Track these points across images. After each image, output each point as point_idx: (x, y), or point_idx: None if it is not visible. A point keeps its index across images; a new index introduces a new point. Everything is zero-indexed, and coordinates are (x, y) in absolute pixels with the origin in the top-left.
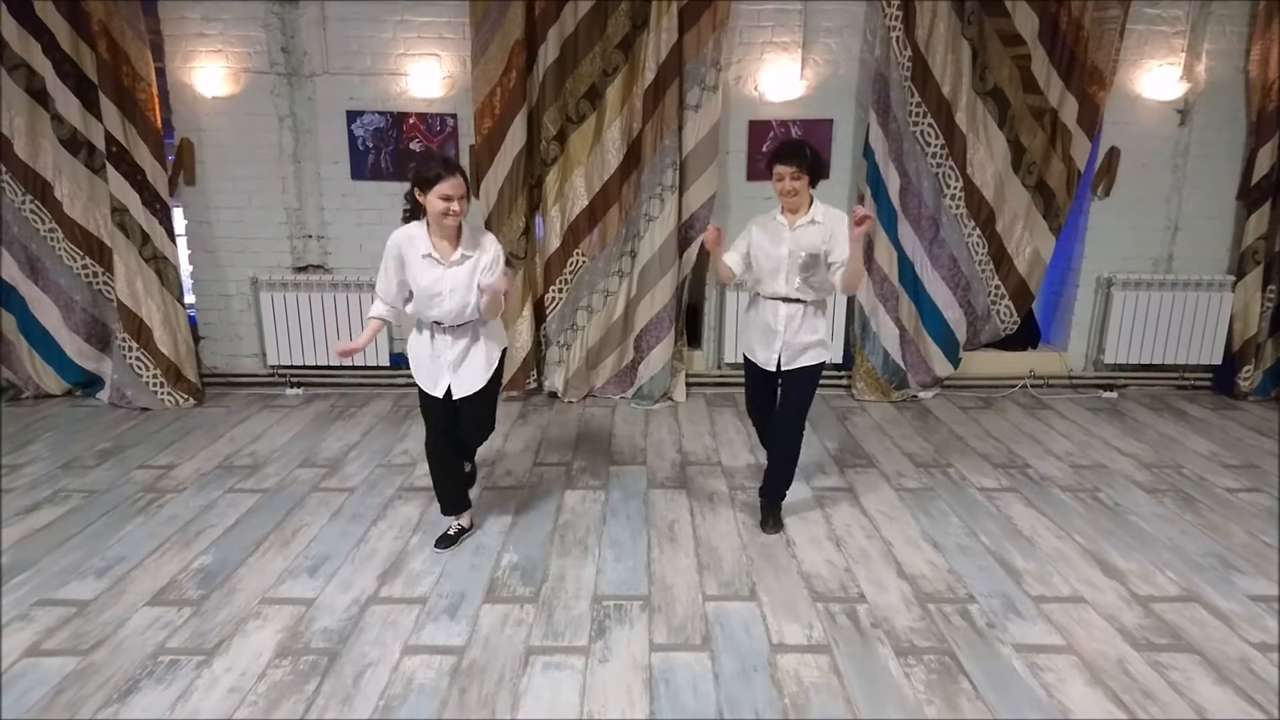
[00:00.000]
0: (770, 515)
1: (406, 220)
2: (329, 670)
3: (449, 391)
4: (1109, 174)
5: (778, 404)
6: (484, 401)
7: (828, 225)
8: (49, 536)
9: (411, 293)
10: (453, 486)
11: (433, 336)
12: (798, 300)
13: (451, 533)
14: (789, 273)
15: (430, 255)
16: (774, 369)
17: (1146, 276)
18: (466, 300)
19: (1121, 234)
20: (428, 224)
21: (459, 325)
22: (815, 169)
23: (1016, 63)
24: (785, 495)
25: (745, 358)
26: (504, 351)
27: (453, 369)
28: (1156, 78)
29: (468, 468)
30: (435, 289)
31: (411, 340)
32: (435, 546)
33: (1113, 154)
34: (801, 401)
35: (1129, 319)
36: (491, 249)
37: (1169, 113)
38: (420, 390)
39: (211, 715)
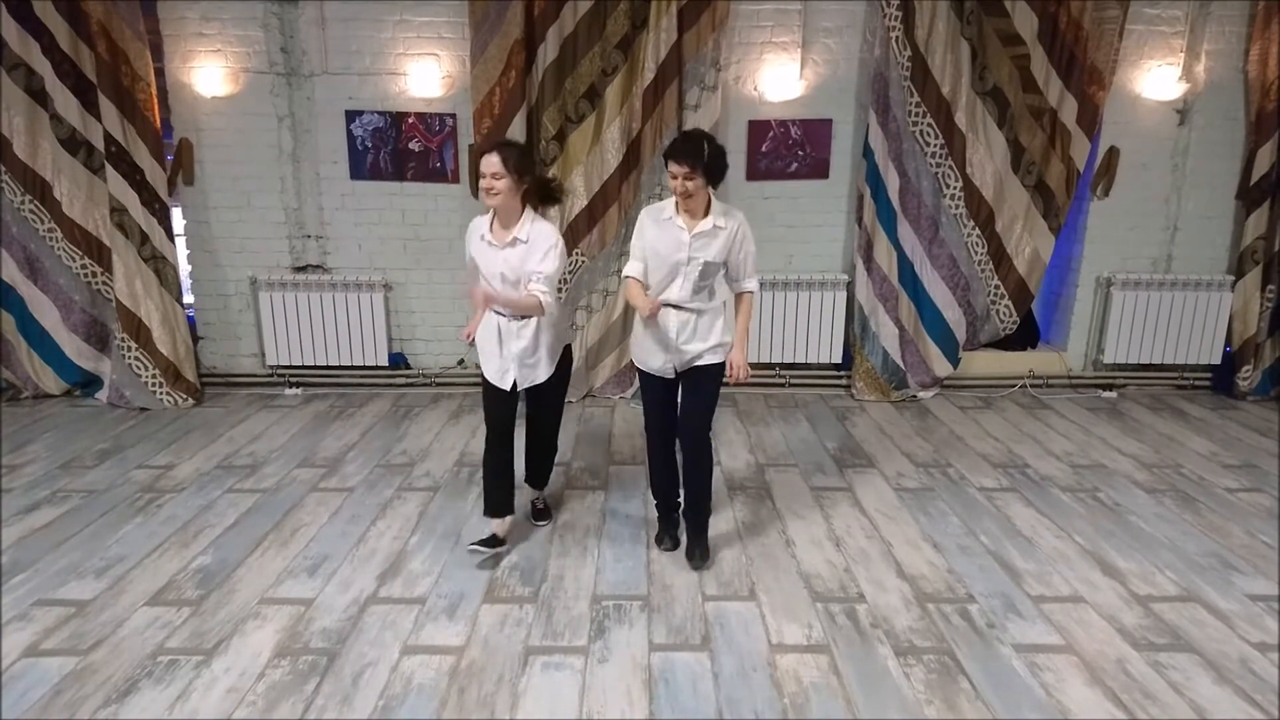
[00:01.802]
0: (697, 544)
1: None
2: (328, 670)
3: (514, 386)
4: (1108, 174)
5: (679, 411)
6: (548, 393)
7: (729, 232)
8: (48, 536)
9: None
10: (500, 487)
11: (499, 326)
12: (692, 310)
13: (485, 536)
14: (684, 281)
15: (485, 238)
16: (672, 376)
17: (1146, 276)
18: (513, 285)
19: (1121, 234)
20: (494, 210)
21: (522, 316)
22: (713, 169)
23: (1016, 63)
24: (709, 516)
25: (639, 370)
26: (567, 349)
27: (518, 361)
28: (1156, 78)
29: (540, 503)
30: (489, 271)
31: (480, 329)
32: (470, 545)
33: (1112, 154)
34: (703, 402)
35: (1128, 319)
36: (544, 240)
37: (1168, 113)
38: (484, 383)
39: (211, 715)
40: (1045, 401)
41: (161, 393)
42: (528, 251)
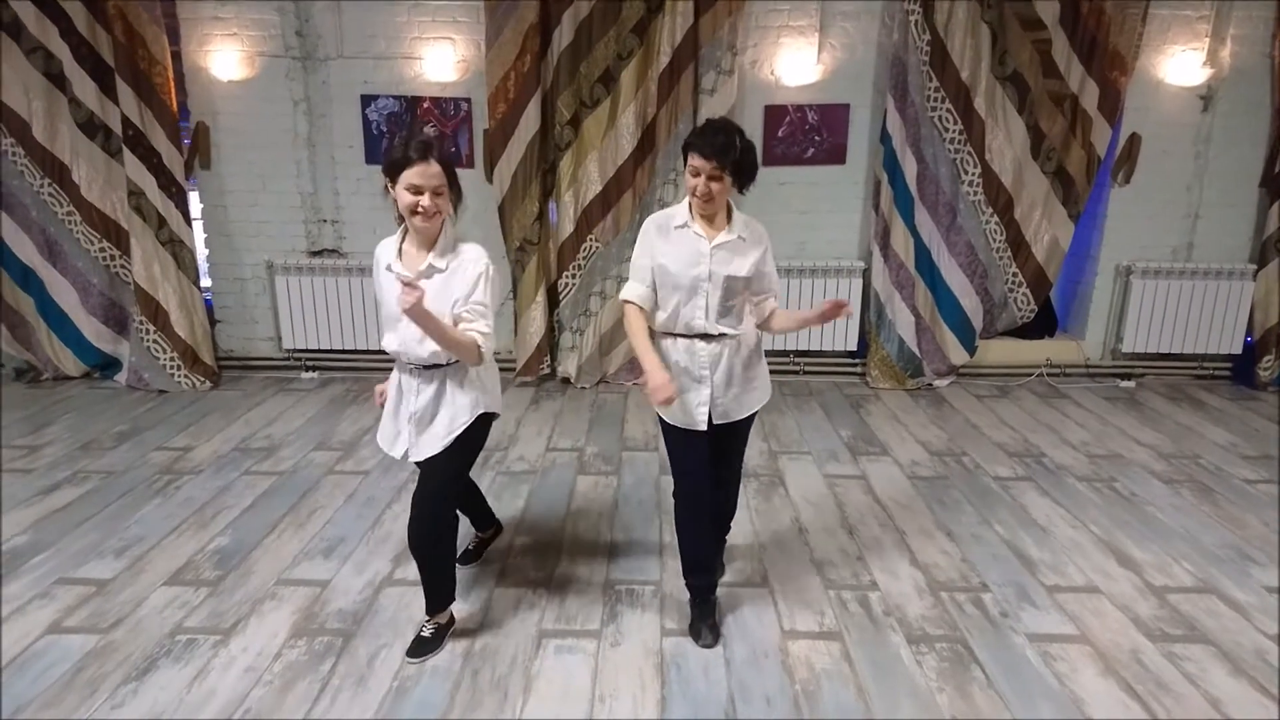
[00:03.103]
0: (708, 615)
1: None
2: (343, 651)
3: (406, 455)
4: (1129, 161)
5: (718, 469)
6: (433, 474)
7: (756, 246)
8: (68, 516)
9: None
10: (430, 575)
11: (400, 380)
12: (721, 336)
13: (425, 634)
14: (705, 301)
15: (391, 267)
16: (705, 427)
17: (1166, 265)
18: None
19: (1141, 222)
20: (404, 228)
21: (426, 367)
22: (743, 170)
23: (1037, 47)
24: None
25: (664, 423)
26: (485, 420)
27: (415, 425)
28: (1179, 63)
29: (470, 543)
30: (393, 311)
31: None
32: (406, 655)
33: (1133, 140)
34: (740, 461)
35: (1148, 307)
36: (471, 266)
37: (1191, 99)
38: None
39: (228, 694)
40: (1062, 390)
41: (179, 375)
42: (446, 282)
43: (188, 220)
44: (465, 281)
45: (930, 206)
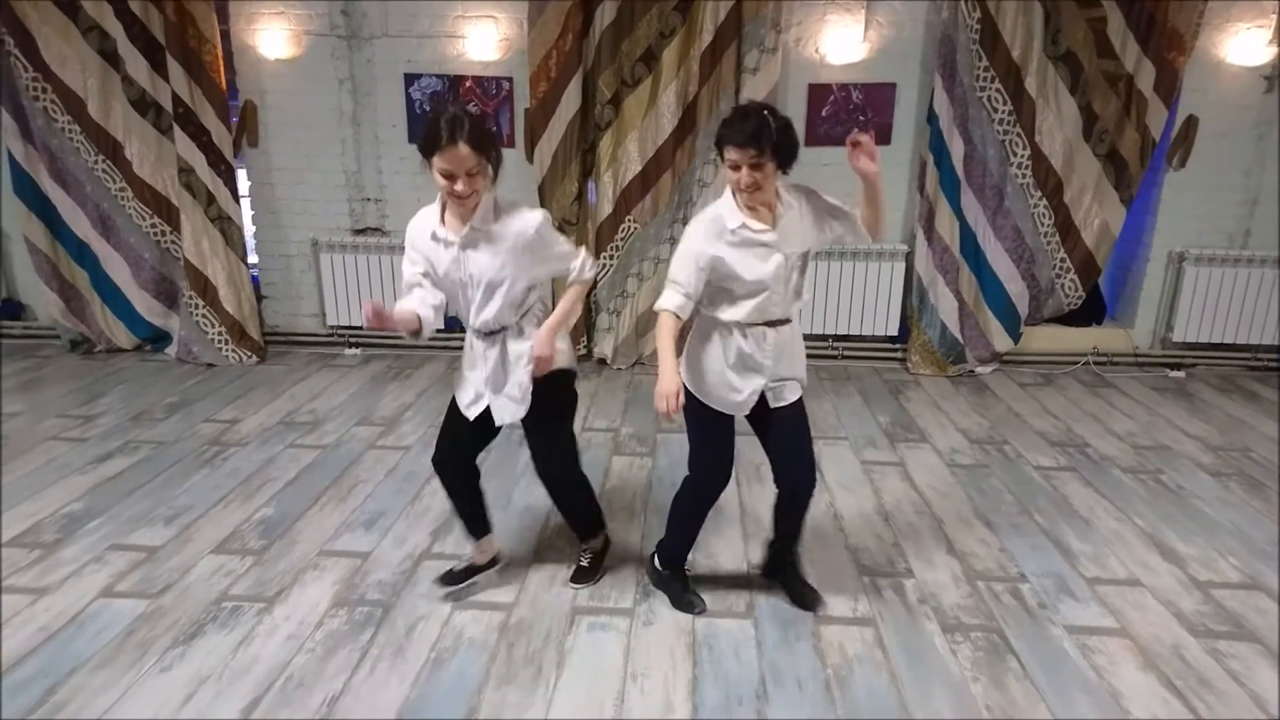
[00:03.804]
0: (806, 584)
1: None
2: (383, 621)
3: (487, 416)
4: (1185, 144)
5: (784, 461)
6: (539, 440)
7: (800, 205)
8: (120, 485)
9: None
10: (466, 506)
11: (471, 342)
12: (786, 320)
13: (457, 569)
14: (786, 287)
15: (437, 234)
16: (746, 412)
17: (1221, 252)
18: (494, 300)
19: (1196, 207)
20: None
21: (488, 333)
22: (784, 149)
23: (1091, 26)
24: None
25: (695, 402)
26: (564, 375)
27: (491, 388)
28: (1242, 42)
29: (584, 558)
30: (456, 275)
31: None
32: (439, 581)
33: (1190, 123)
34: (811, 444)
35: (1200, 296)
36: (527, 223)
37: (1254, 79)
38: (452, 399)
39: (271, 660)
40: (1109, 380)
41: (227, 350)
42: (499, 246)
43: (236, 197)
44: (535, 242)
45: (977, 189)
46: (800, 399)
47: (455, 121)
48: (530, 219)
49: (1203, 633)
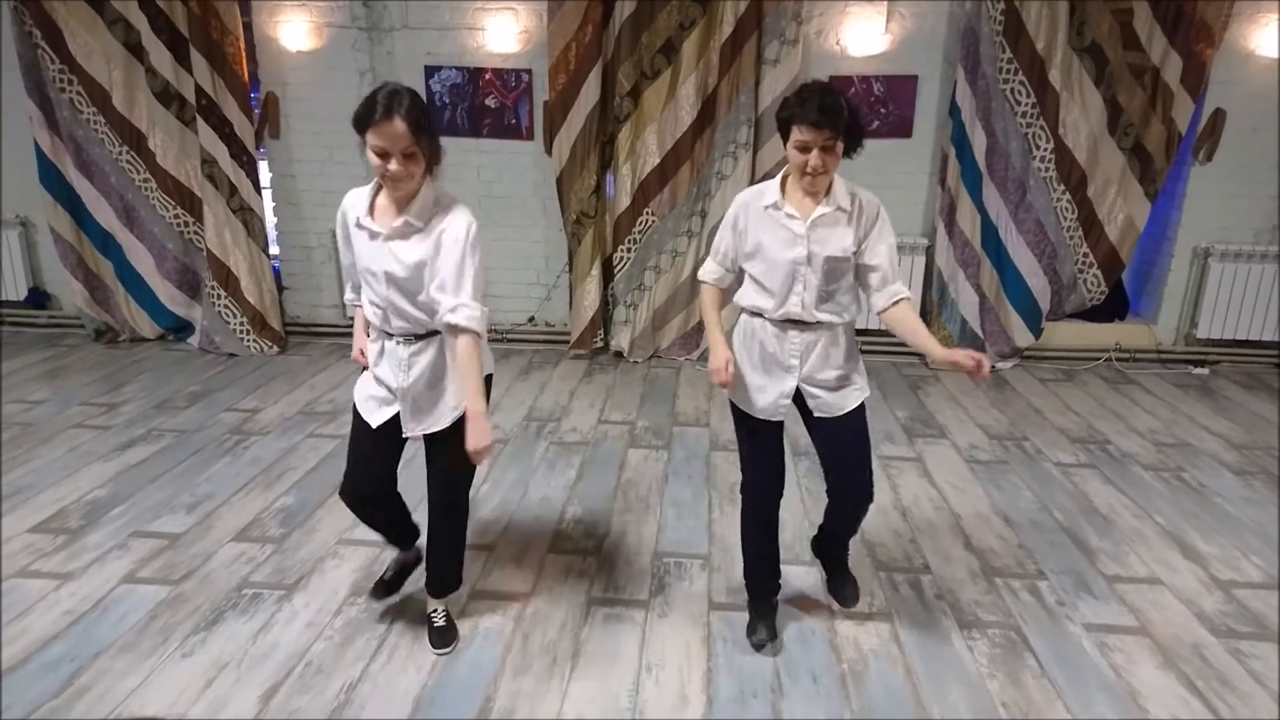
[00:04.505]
0: (847, 580)
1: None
2: (400, 610)
3: (395, 424)
4: (1212, 137)
5: (832, 472)
6: (454, 451)
7: (862, 216)
8: (143, 472)
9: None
10: (390, 529)
11: (384, 346)
12: (817, 324)
13: (388, 576)
14: (806, 287)
15: (361, 221)
16: (782, 418)
17: (1248, 248)
18: (407, 292)
19: (1223, 202)
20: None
21: (418, 336)
22: (854, 135)
23: (1117, 17)
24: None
25: (736, 410)
26: (487, 379)
27: (412, 401)
28: (1273, 33)
29: (439, 617)
30: (370, 269)
31: (371, 346)
32: (371, 595)
33: (1217, 116)
34: (867, 458)
35: (1225, 292)
36: (455, 234)
37: None
38: (354, 415)
39: (290, 647)
40: (1131, 376)
41: (248, 340)
42: (427, 244)
43: (258, 189)
44: (450, 255)
45: (999, 182)
46: (857, 409)
47: (394, 96)
48: (465, 221)
49: (1224, 632)
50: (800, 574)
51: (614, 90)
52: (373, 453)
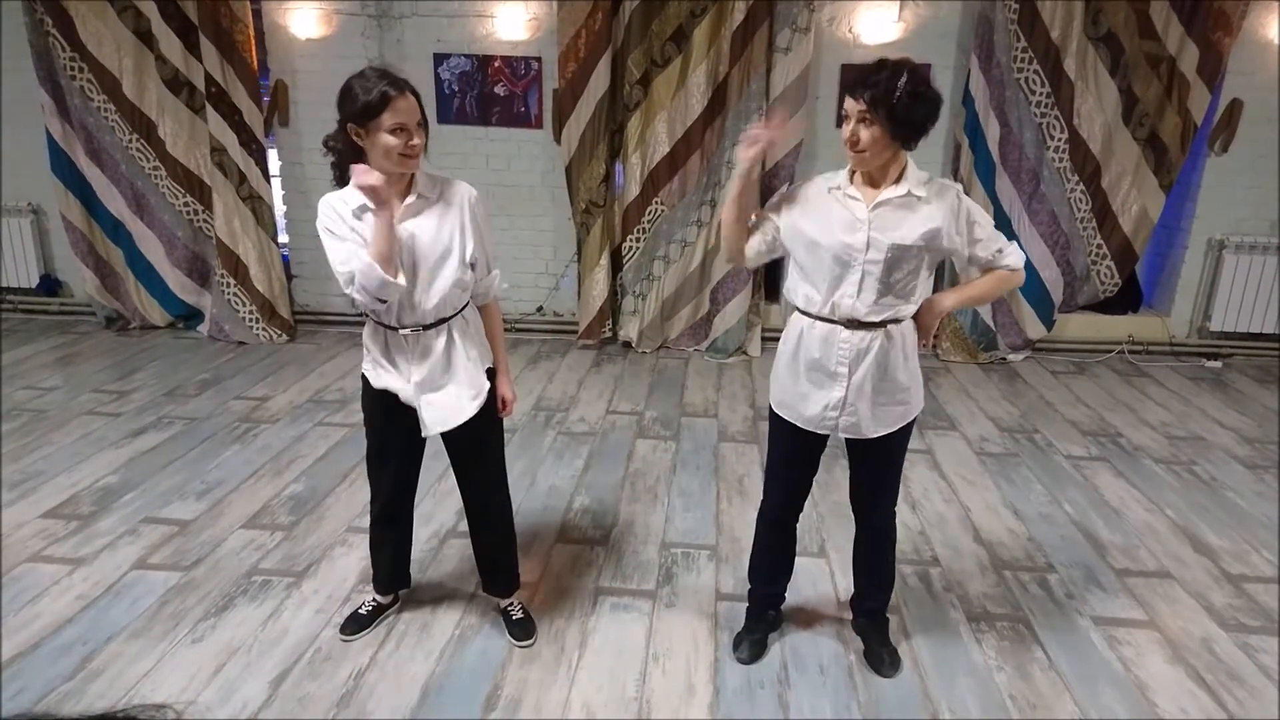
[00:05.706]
0: (885, 646)
1: (340, 183)
2: (409, 598)
3: (416, 429)
4: (1229, 128)
5: (860, 499)
6: (487, 450)
7: (940, 207)
8: (154, 459)
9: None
10: (392, 557)
11: (387, 342)
12: (872, 325)
13: (364, 612)
14: (863, 279)
15: (366, 206)
16: (826, 434)
17: (1263, 239)
18: (446, 273)
19: (1239, 193)
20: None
21: (429, 325)
22: (903, 119)
23: (1133, 6)
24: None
25: (776, 416)
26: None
27: (423, 391)
28: None
29: (516, 610)
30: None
31: (367, 331)
32: (341, 632)
33: (1234, 107)
34: (894, 489)
35: (1240, 284)
36: (464, 190)
37: None
38: (369, 430)
39: (300, 633)
40: (1143, 369)
41: (258, 328)
42: (450, 214)
43: (267, 177)
44: (465, 223)
45: (1012, 173)
46: (900, 432)
47: (386, 73)
48: (470, 190)
49: (1234, 627)
50: (807, 565)
51: (624, 78)
52: (399, 460)
